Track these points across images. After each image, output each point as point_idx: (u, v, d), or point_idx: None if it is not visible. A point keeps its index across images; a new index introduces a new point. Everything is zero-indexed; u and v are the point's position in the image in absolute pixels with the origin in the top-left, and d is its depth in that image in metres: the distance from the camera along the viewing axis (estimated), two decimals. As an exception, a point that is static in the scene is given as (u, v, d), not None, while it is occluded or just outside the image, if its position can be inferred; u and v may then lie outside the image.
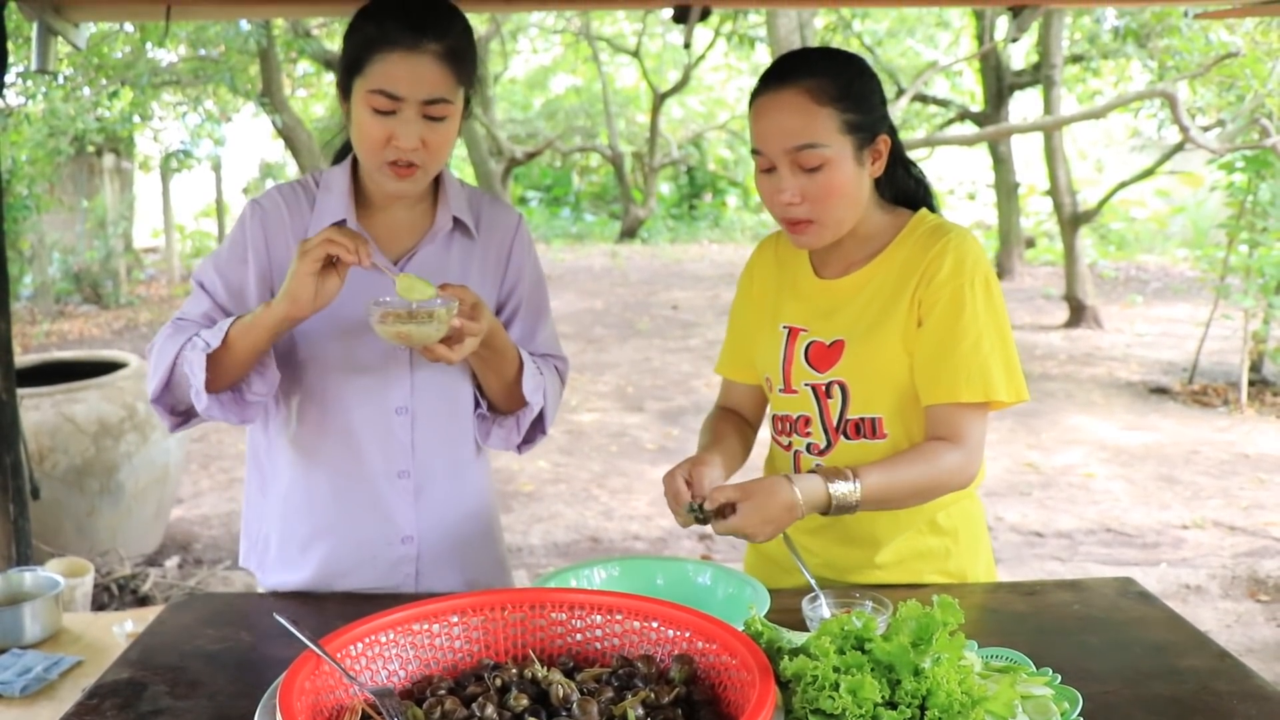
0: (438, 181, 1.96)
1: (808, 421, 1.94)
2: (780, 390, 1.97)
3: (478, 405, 2.00)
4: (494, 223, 2.02)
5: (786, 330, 1.97)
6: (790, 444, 1.98)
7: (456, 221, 1.96)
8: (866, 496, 1.73)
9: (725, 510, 1.70)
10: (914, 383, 1.87)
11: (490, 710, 1.26)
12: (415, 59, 1.74)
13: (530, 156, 17.17)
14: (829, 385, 1.91)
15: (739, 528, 1.68)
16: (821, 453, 1.94)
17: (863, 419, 1.90)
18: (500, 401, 1.99)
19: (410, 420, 1.94)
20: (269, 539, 2.01)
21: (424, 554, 1.99)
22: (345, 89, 1.82)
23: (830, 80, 1.78)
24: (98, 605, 4.36)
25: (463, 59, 1.80)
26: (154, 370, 1.82)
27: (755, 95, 1.85)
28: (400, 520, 1.96)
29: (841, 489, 1.71)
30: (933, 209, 1.96)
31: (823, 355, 1.92)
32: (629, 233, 20.54)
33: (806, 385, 1.93)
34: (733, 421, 2.11)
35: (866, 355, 1.87)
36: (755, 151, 1.84)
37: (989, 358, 1.80)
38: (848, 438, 1.91)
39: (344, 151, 2.00)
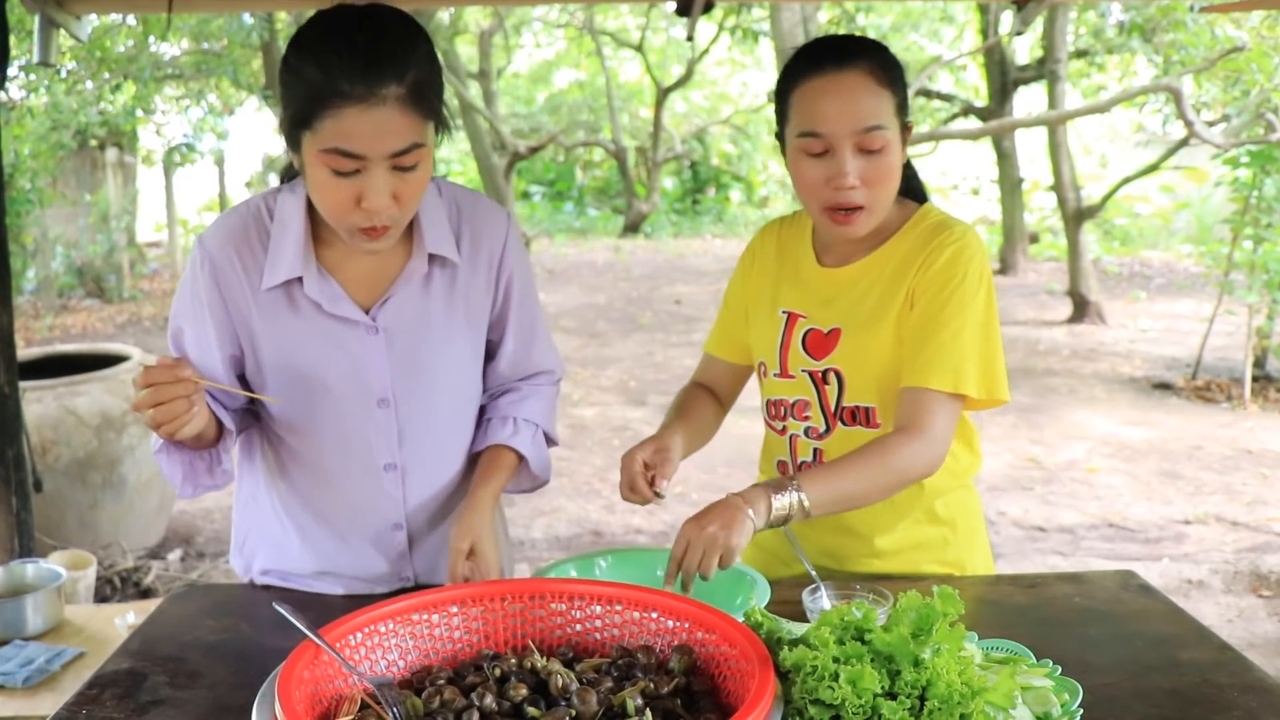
0: None
1: (806, 405, 1.94)
2: (776, 375, 1.97)
3: None
4: (480, 232, 1.83)
5: (785, 315, 1.96)
6: (786, 428, 1.98)
7: (435, 255, 1.78)
8: (815, 504, 1.68)
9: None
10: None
11: (489, 700, 1.26)
12: (375, 111, 1.49)
13: (533, 151, 17.11)
14: (825, 372, 1.91)
15: (689, 538, 1.60)
16: (820, 436, 1.94)
17: (857, 407, 1.90)
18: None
19: (400, 475, 1.84)
20: (254, 556, 1.97)
21: (424, 581, 1.94)
22: (293, 140, 1.57)
23: (884, 65, 1.78)
24: (100, 598, 4.37)
25: (429, 92, 1.55)
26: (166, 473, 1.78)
27: (805, 76, 1.80)
28: (398, 565, 1.91)
29: (782, 501, 1.65)
30: (924, 197, 1.96)
31: (820, 343, 1.92)
32: (632, 227, 20.51)
33: (804, 371, 1.93)
34: (705, 398, 2.12)
35: (861, 345, 1.88)
36: (809, 134, 1.78)
37: (965, 350, 1.78)
38: (845, 424, 1.91)
39: (294, 169, 1.75)
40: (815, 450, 1.95)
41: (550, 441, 1.99)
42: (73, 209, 13.01)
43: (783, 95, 1.86)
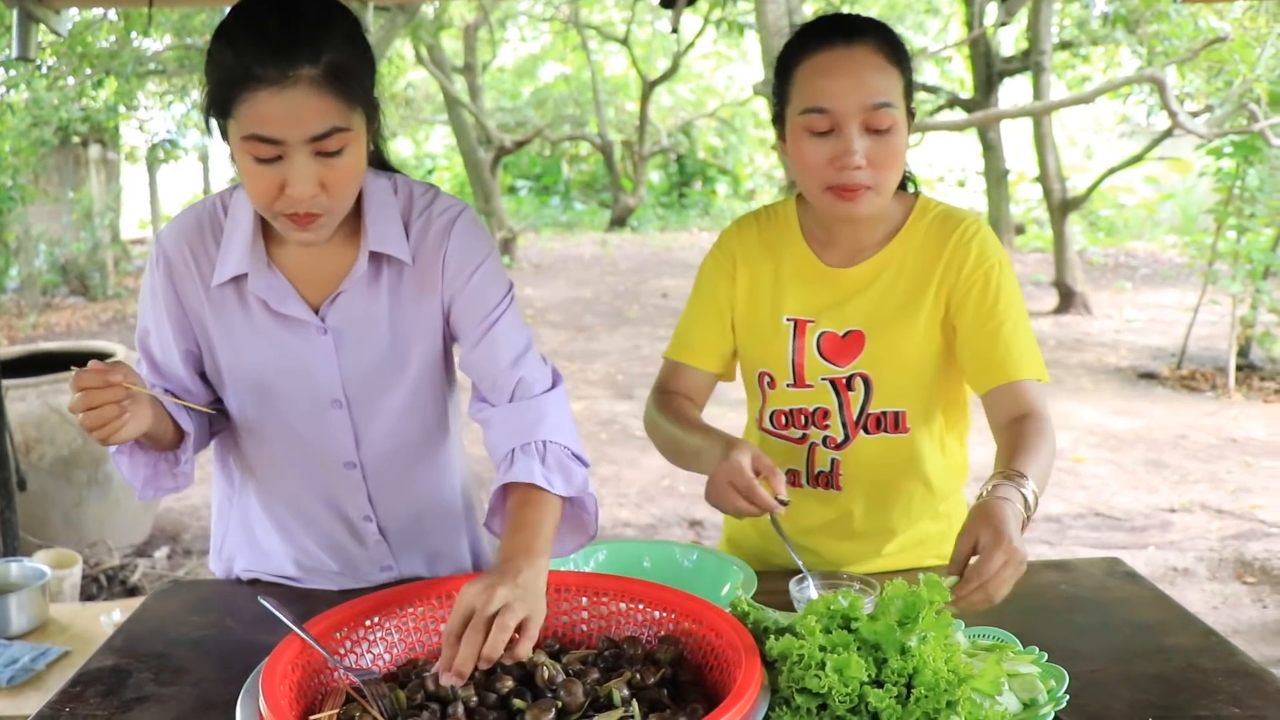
0: (360, 200, 1.70)
1: (826, 414, 1.88)
2: (789, 385, 1.89)
3: None
4: (431, 227, 1.74)
5: (792, 323, 1.88)
6: (805, 436, 1.91)
7: (381, 254, 1.71)
8: (1040, 490, 1.60)
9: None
10: (965, 375, 1.85)
11: (472, 692, 1.26)
12: (287, 94, 1.45)
13: (519, 145, 17.07)
14: (850, 378, 1.85)
15: (1010, 558, 1.41)
16: (839, 446, 1.89)
17: (885, 413, 1.86)
18: None
19: (361, 474, 1.81)
20: (233, 560, 1.96)
21: (404, 572, 1.91)
22: (223, 131, 1.55)
23: (891, 44, 1.72)
24: (86, 596, 4.35)
25: (350, 75, 1.50)
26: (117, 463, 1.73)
27: (810, 51, 1.72)
28: (377, 555, 1.89)
29: (1031, 488, 1.57)
30: (914, 187, 1.93)
31: (839, 347, 1.86)
32: (619, 221, 20.49)
33: (824, 379, 1.87)
34: (691, 406, 1.99)
35: (891, 347, 1.83)
36: (814, 110, 1.70)
37: (1025, 336, 1.78)
38: (867, 432, 1.87)
39: None
40: (833, 461, 1.90)
41: (578, 460, 1.69)
42: (55, 206, 12.93)
43: (784, 72, 1.77)
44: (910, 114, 1.77)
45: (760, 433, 1.98)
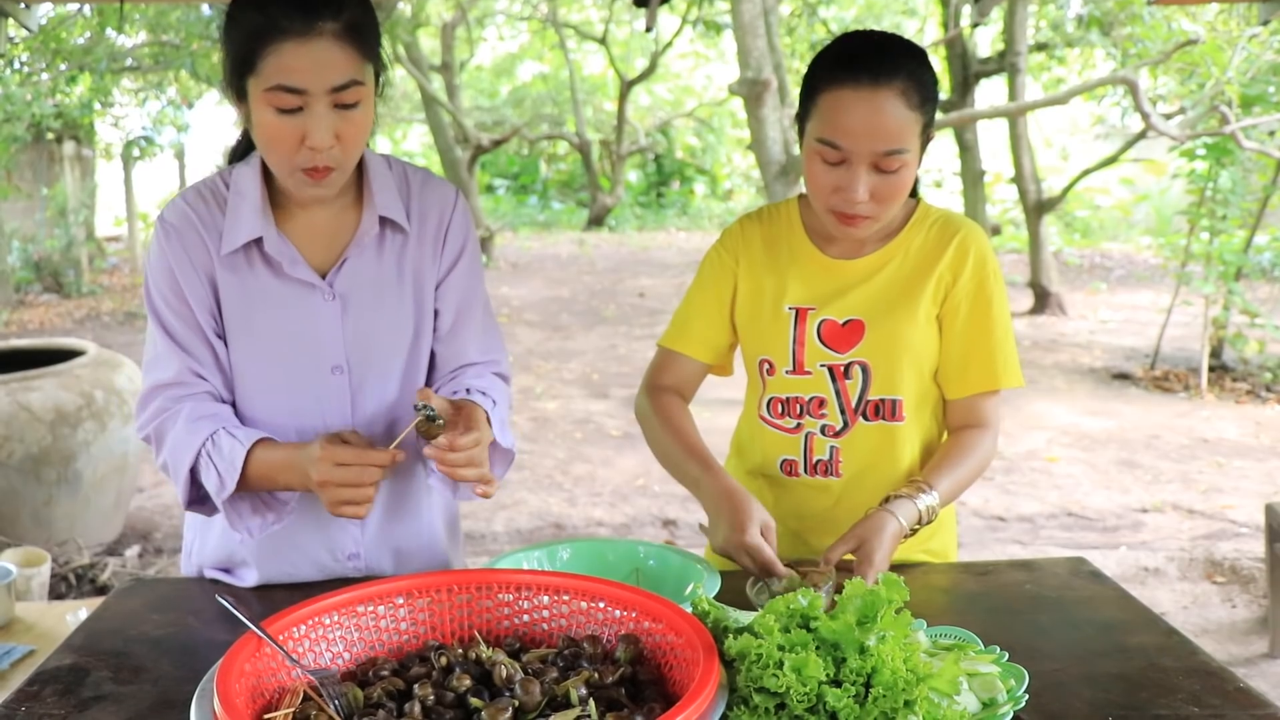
0: (361, 171, 1.80)
1: (822, 403, 1.93)
2: (788, 372, 1.94)
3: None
4: (428, 204, 1.85)
5: (794, 312, 1.93)
6: (800, 425, 1.95)
7: (387, 219, 1.80)
8: (942, 503, 1.81)
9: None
10: (937, 374, 1.93)
11: (431, 691, 1.25)
12: (312, 44, 1.57)
13: (497, 144, 17.02)
14: (848, 366, 1.90)
15: (879, 569, 1.66)
16: (837, 434, 1.93)
17: (883, 400, 1.91)
18: None
19: None
20: (204, 555, 1.93)
21: (372, 568, 1.91)
22: (239, 90, 1.64)
23: (919, 84, 1.74)
24: (55, 595, 4.31)
25: (365, 33, 1.62)
26: (175, 479, 1.72)
27: (836, 82, 1.74)
28: (345, 539, 1.87)
29: (926, 502, 1.78)
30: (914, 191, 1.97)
31: (839, 335, 1.91)
32: (596, 220, 20.49)
33: (822, 366, 1.91)
34: (685, 410, 2.04)
35: (890, 336, 1.88)
36: (828, 143, 1.75)
37: (1010, 345, 1.91)
38: (866, 419, 1.92)
39: (240, 149, 1.83)
40: (832, 449, 1.94)
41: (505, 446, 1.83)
42: (29, 203, 12.84)
43: (809, 89, 1.80)
44: (926, 141, 1.81)
45: (759, 421, 2.01)
